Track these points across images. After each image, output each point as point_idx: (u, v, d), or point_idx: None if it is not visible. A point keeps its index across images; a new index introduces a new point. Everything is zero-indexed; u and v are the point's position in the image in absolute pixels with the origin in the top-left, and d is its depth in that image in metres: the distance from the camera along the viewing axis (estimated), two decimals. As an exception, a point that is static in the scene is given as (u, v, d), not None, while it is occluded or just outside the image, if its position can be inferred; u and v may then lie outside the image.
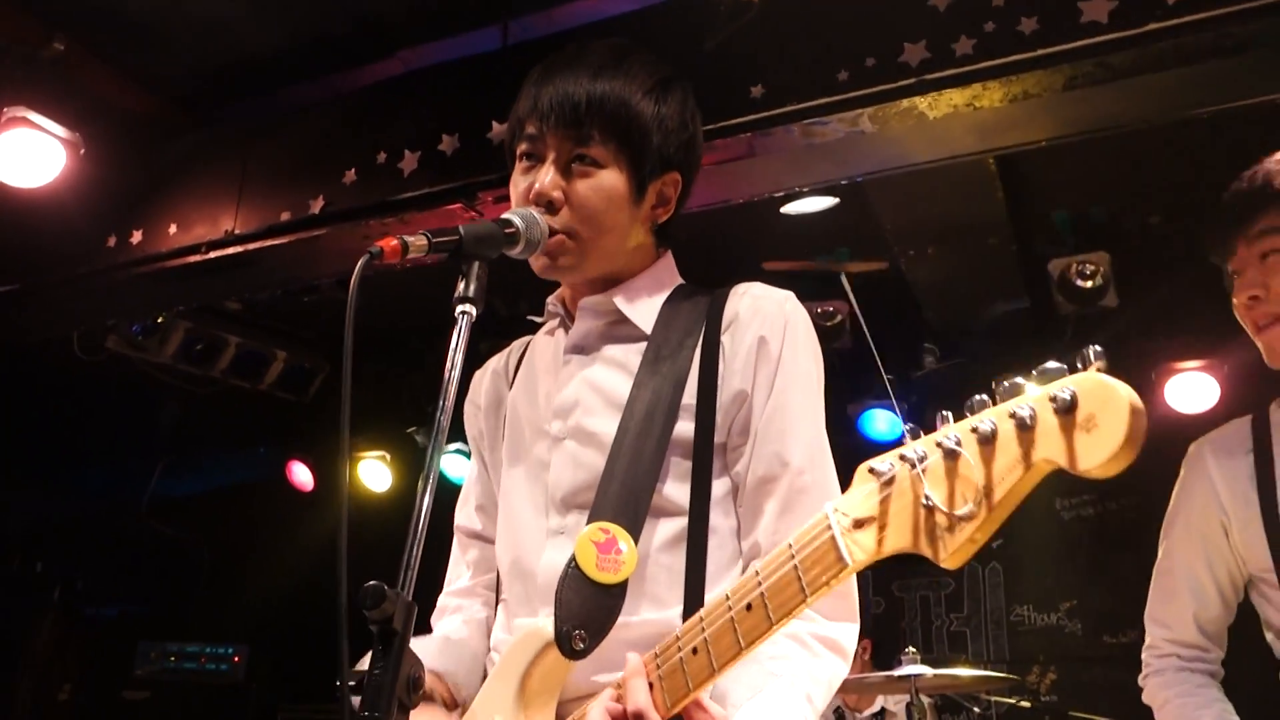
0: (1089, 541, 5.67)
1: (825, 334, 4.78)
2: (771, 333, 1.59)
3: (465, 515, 1.84)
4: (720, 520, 1.56)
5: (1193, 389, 4.78)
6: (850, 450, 1.49)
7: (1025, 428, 0.97)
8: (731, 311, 1.63)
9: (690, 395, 1.57)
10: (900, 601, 5.91)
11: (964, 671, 3.92)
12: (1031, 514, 5.75)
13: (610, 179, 1.62)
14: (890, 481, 1.09)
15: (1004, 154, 3.43)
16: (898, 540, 1.07)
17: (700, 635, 1.28)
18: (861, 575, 1.46)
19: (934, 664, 3.81)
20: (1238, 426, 2.23)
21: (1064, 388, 0.95)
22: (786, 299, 1.65)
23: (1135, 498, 5.56)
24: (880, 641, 5.27)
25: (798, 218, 4.46)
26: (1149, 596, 2.30)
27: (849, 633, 1.51)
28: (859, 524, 1.11)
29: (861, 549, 1.12)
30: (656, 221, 1.71)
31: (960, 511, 1.00)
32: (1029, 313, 4.93)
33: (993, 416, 1.01)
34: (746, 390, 1.57)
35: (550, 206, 1.59)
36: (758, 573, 1.23)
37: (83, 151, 3.71)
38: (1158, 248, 4.59)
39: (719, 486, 1.57)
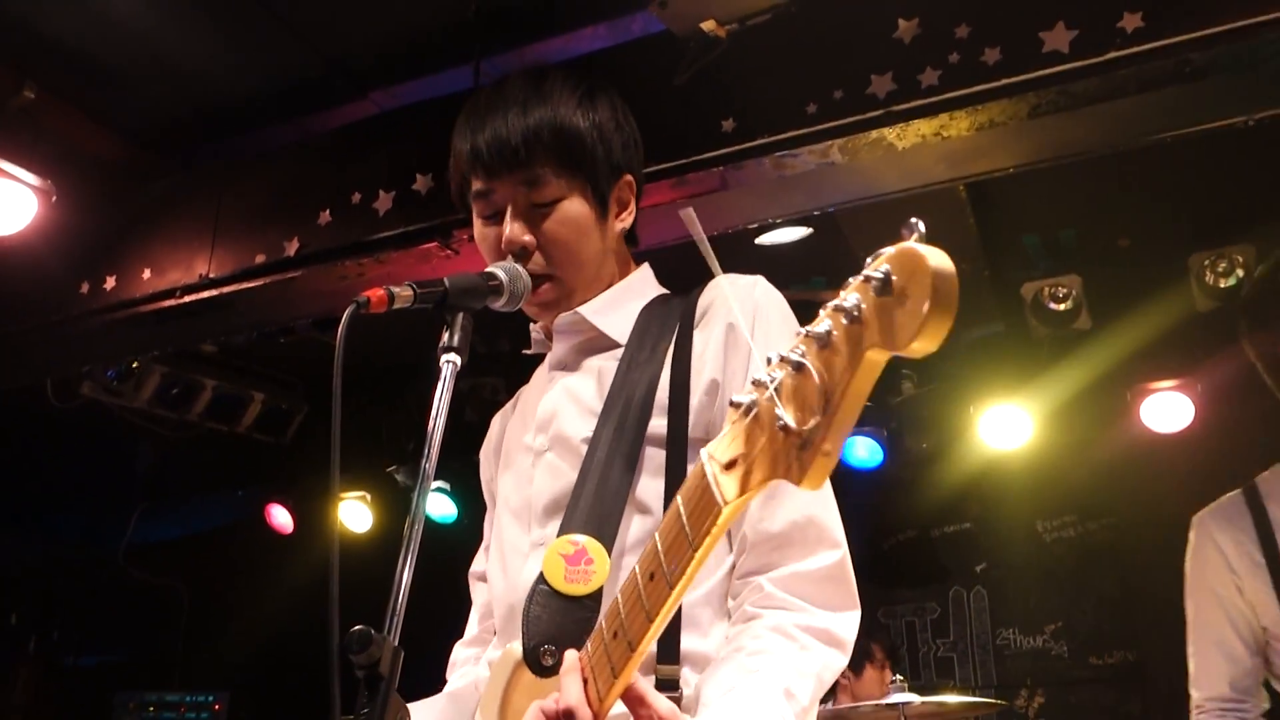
0: (1071, 562, 5.68)
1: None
2: (740, 318, 1.55)
3: (478, 559, 1.82)
4: None
5: (1167, 409, 4.82)
6: (831, 478, 1.47)
7: (854, 320, 0.90)
8: (703, 305, 1.60)
9: (663, 392, 1.53)
10: (886, 628, 5.88)
11: (952, 698, 3.91)
12: (1014, 536, 5.77)
13: (573, 209, 1.61)
14: (749, 412, 1.02)
15: (973, 181, 3.47)
16: (762, 472, 1.00)
17: (618, 618, 1.22)
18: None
19: (922, 691, 3.80)
20: (1233, 498, 2.47)
21: (879, 266, 0.88)
22: (755, 284, 1.60)
23: (1114, 517, 5.58)
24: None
25: (772, 248, 4.48)
26: (1189, 666, 2.50)
27: (845, 622, 1.44)
28: (729, 465, 1.05)
29: (732, 487, 1.05)
30: (624, 228, 1.71)
31: (808, 426, 0.94)
32: (1004, 336, 4.97)
33: (827, 317, 0.94)
34: (718, 379, 1.53)
35: (523, 253, 1.59)
36: (656, 536, 1.17)
37: (55, 198, 3.70)
38: (1128, 270, 4.65)
39: None
